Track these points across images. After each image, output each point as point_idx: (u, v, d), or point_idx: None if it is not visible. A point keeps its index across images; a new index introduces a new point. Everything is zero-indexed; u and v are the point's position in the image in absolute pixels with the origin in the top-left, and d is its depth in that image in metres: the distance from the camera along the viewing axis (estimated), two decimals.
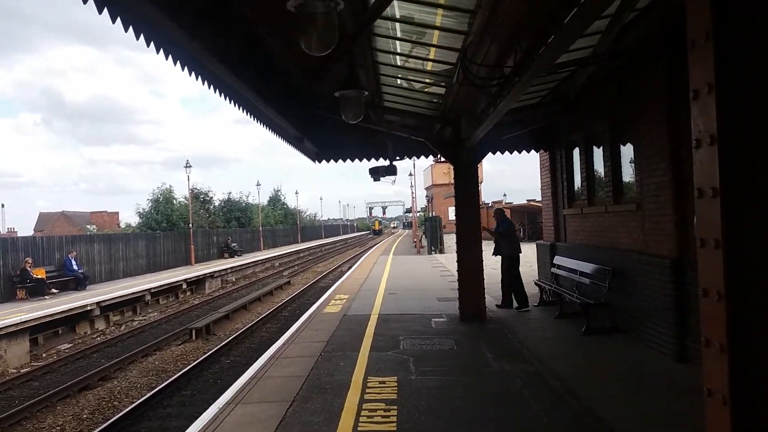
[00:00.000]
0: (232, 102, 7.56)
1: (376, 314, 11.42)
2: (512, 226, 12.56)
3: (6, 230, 63.14)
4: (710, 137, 2.06)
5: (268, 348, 9.36)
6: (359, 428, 5.21)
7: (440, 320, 10.62)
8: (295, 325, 11.00)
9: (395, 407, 5.74)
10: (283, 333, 10.69)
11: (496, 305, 11.58)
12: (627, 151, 8.88)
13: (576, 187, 11.53)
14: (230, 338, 14.02)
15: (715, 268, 2.04)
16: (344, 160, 12.55)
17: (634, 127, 8.19)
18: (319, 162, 12.57)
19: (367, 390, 6.36)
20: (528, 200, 41.17)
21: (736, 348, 1.97)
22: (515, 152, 12.57)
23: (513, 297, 11.49)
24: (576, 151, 11.25)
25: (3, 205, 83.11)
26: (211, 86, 6.26)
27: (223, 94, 6.99)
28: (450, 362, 7.54)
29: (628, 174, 8.96)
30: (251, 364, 8.37)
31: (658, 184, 7.36)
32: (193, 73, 5.61)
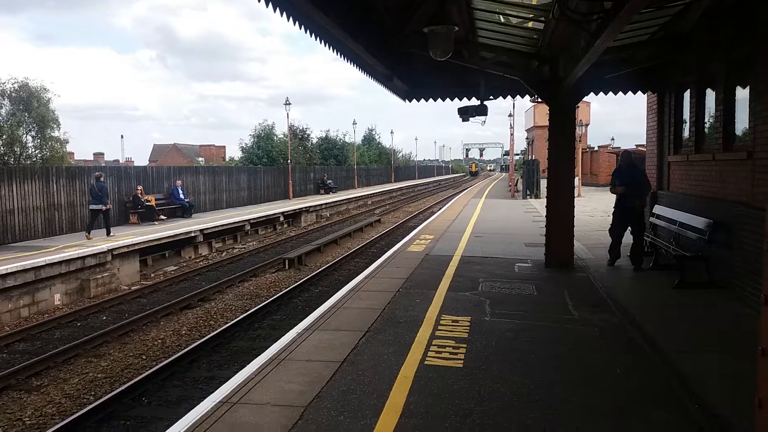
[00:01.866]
0: (321, 41, 7.53)
1: (459, 256, 11.42)
2: (637, 174, 10.34)
3: (125, 160, 68.24)
4: None
5: (351, 280, 9.66)
6: (426, 362, 5.33)
7: (524, 265, 10.46)
8: (377, 261, 11.25)
9: (464, 345, 5.80)
10: (368, 268, 10.97)
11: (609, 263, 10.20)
12: (742, 96, 8.07)
13: (684, 133, 10.71)
14: (320, 269, 14.59)
15: None
16: (434, 99, 12.32)
17: (753, 68, 7.40)
18: (410, 101, 12.44)
19: (440, 327, 6.45)
20: (637, 145, 38.82)
21: None
22: (620, 93, 11.76)
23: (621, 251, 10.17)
24: (686, 94, 10.38)
25: (122, 137, 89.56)
26: (296, 22, 6.26)
27: (311, 32, 6.97)
28: (527, 307, 7.45)
29: (742, 121, 8.18)
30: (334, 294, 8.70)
31: None
32: (277, 9, 5.63)
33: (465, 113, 11.86)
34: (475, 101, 11.98)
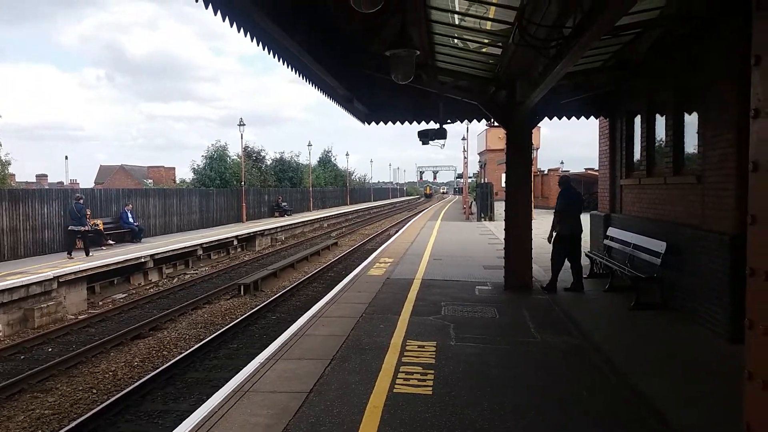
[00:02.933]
0: (283, 61, 7.49)
1: (420, 279, 11.40)
2: (576, 199, 10.81)
3: (69, 182, 65.72)
4: None
5: (313, 306, 9.49)
6: (395, 390, 5.22)
7: (484, 288, 10.51)
8: (338, 286, 11.09)
9: (432, 371, 5.73)
10: (329, 293, 10.81)
11: (542, 287, 10.34)
12: (691, 121, 8.42)
13: (635, 157, 11.07)
14: (277, 295, 14.29)
15: (766, 246, 1.88)
16: (394, 122, 12.39)
17: (701, 96, 7.73)
18: (369, 123, 12.47)
19: (406, 353, 6.36)
20: (586, 169, 40.08)
21: None
22: (574, 118, 12.11)
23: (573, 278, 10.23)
24: (637, 119, 10.76)
25: (66, 157, 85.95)
26: (260, 43, 6.20)
27: (273, 53, 6.92)
28: (491, 330, 7.46)
29: (691, 146, 8.51)
30: (296, 321, 8.51)
31: (721, 156, 6.95)
32: (241, 30, 5.56)
33: (425, 136, 11.96)
34: (434, 124, 12.11)
